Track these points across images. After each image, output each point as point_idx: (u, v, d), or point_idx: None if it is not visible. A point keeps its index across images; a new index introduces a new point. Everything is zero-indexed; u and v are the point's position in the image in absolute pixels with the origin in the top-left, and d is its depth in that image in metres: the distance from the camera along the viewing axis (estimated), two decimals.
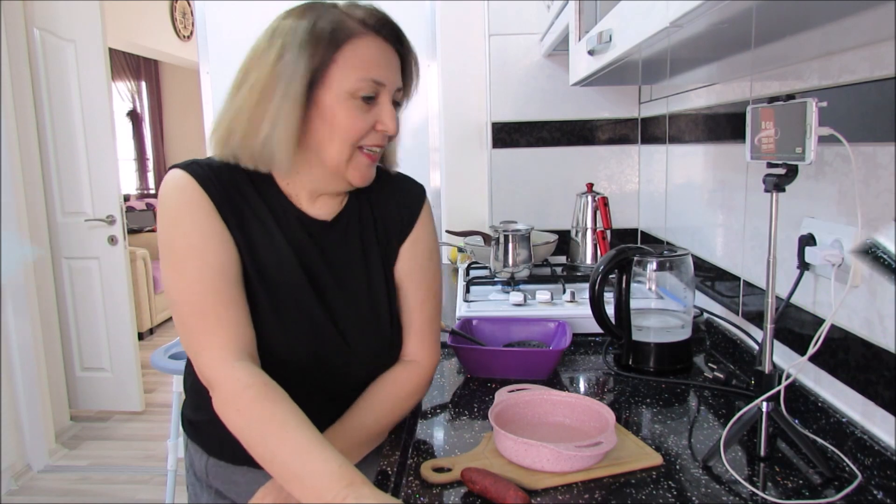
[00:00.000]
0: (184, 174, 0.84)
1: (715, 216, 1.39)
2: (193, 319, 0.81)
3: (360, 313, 0.93)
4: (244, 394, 0.77)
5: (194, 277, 0.81)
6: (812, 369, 0.98)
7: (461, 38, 2.21)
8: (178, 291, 0.82)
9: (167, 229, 0.83)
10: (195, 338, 0.81)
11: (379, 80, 0.85)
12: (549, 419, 0.97)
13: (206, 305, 0.81)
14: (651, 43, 0.82)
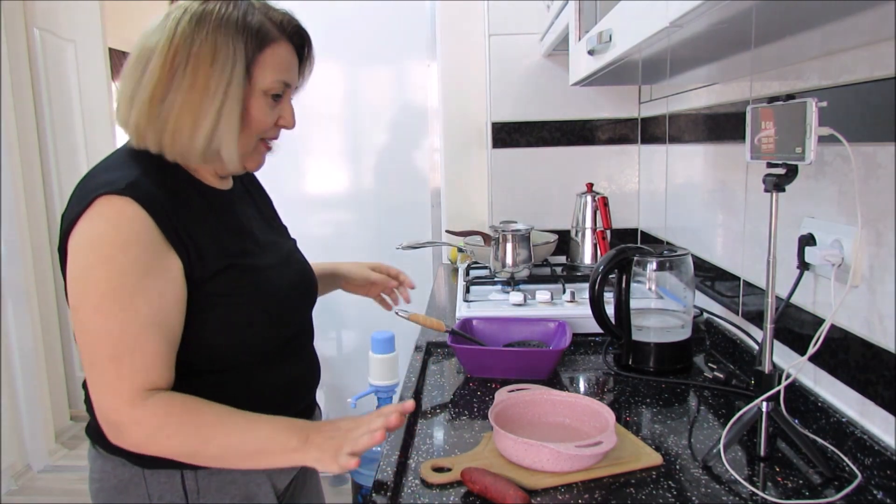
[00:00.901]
0: (124, 202, 0.80)
1: (715, 216, 1.39)
2: (107, 361, 0.79)
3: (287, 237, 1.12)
4: (169, 420, 0.80)
5: (117, 319, 0.79)
6: (812, 369, 0.98)
7: (461, 38, 2.21)
8: (95, 330, 0.79)
9: (95, 266, 0.79)
10: (105, 378, 0.80)
11: (288, 81, 0.92)
12: (549, 419, 0.97)
13: (124, 347, 0.79)
14: (651, 43, 0.82)
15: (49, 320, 3.17)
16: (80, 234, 0.80)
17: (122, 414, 0.80)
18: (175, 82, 0.84)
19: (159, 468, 0.89)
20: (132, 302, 0.79)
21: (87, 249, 0.80)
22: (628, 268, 1.22)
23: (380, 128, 2.52)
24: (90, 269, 0.79)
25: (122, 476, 0.91)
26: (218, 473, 0.91)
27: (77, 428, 3.27)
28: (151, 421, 0.80)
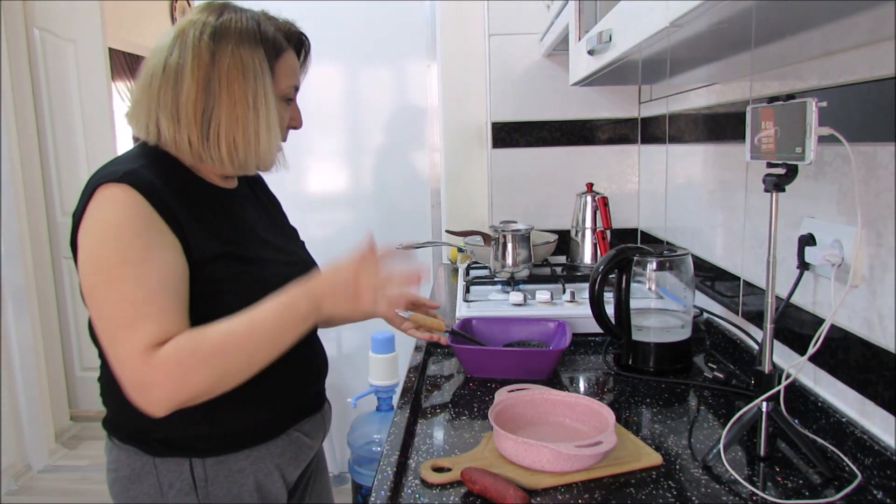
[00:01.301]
0: (122, 190, 0.84)
1: (715, 216, 1.39)
2: (123, 330, 0.82)
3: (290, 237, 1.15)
4: (183, 355, 0.81)
5: (129, 289, 0.82)
6: (812, 369, 0.98)
7: (461, 38, 2.21)
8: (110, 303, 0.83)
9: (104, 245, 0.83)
10: (124, 347, 0.82)
11: (297, 85, 1.01)
12: (549, 419, 0.97)
13: (139, 315, 0.82)
14: (651, 43, 0.82)
15: (49, 320, 3.17)
16: (86, 222, 0.85)
17: (143, 372, 0.81)
18: (213, 99, 0.89)
19: (168, 456, 0.93)
20: (142, 269, 0.83)
21: (95, 233, 0.84)
22: (628, 268, 1.22)
23: (380, 128, 2.52)
24: (100, 249, 0.84)
25: (135, 465, 0.94)
26: (226, 462, 0.94)
27: (77, 428, 3.27)
28: (169, 364, 0.80)
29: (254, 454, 0.97)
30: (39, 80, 3.10)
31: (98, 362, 0.96)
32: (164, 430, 0.91)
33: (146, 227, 0.84)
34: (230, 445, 0.95)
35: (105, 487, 1.03)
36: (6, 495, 2.65)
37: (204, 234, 0.90)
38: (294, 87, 0.99)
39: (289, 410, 1.02)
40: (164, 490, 0.93)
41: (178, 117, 0.89)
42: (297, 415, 1.03)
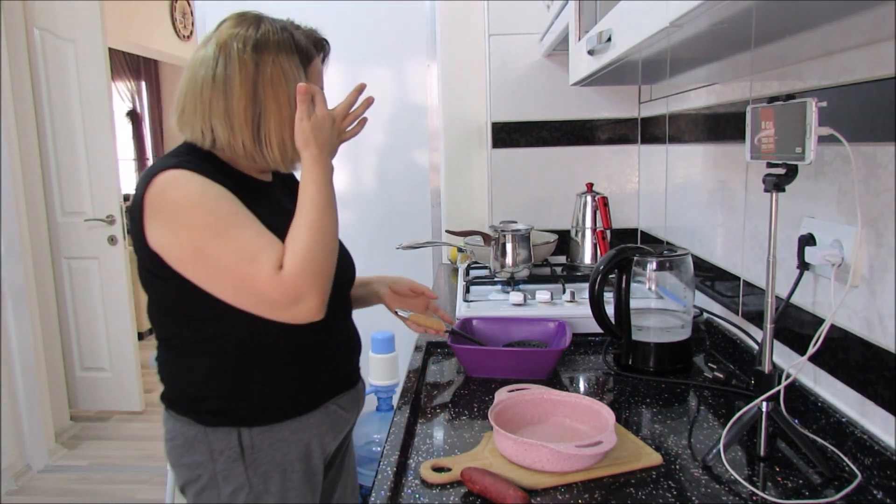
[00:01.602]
0: (183, 172, 0.93)
1: (715, 216, 1.39)
2: (250, 265, 0.90)
3: None
4: (302, 252, 0.91)
5: (239, 232, 0.91)
6: (812, 369, 0.98)
7: (461, 38, 2.21)
8: (229, 250, 0.91)
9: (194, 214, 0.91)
10: (258, 279, 0.90)
11: (322, 87, 1.08)
12: (549, 419, 0.97)
13: (257, 248, 0.91)
14: (651, 43, 0.82)
15: (49, 320, 3.17)
16: (158, 206, 0.92)
17: (283, 284, 0.89)
18: (260, 106, 0.97)
19: (219, 426, 1.01)
20: (238, 217, 0.92)
21: (179, 209, 0.91)
22: (628, 268, 1.22)
23: (380, 128, 2.52)
24: (192, 219, 0.91)
25: (188, 434, 1.02)
26: (270, 431, 1.02)
27: (77, 428, 3.27)
28: (296, 270, 0.89)
29: (295, 424, 1.05)
30: (39, 80, 3.10)
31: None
32: (216, 403, 1.01)
33: (221, 191, 0.93)
34: (274, 416, 1.03)
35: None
36: (6, 495, 2.65)
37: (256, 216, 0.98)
38: (321, 89, 1.07)
39: (327, 385, 1.10)
40: (215, 456, 1.02)
41: (232, 124, 0.97)
42: (334, 389, 1.11)
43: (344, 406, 1.13)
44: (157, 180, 0.91)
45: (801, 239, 0.96)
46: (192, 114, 0.98)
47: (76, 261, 3.27)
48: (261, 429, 1.02)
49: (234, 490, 1.02)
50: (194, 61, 0.99)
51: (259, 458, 1.02)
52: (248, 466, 1.02)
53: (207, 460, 1.02)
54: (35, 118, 3.11)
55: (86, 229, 3.23)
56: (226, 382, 0.99)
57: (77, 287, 3.29)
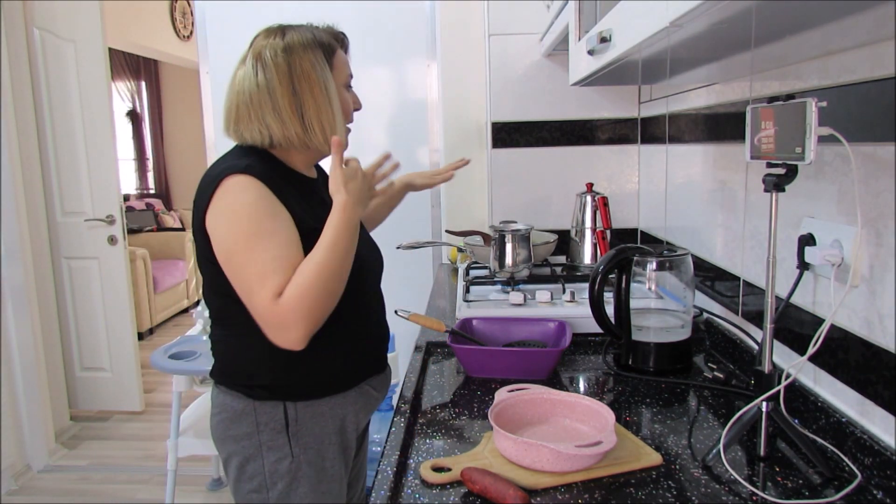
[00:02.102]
0: (248, 178, 1.04)
1: (715, 216, 1.39)
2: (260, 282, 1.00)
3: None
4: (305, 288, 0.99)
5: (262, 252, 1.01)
6: (812, 369, 0.98)
7: (461, 38, 2.21)
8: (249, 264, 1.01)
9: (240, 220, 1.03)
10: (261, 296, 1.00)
11: (351, 74, 1.21)
12: (549, 419, 0.97)
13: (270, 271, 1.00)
14: (651, 43, 0.82)
15: (49, 320, 3.17)
16: (218, 206, 1.04)
17: (275, 314, 0.99)
18: (300, 98, 1.10)
19: (267, 400, 1.11)
20: (271, 238, 1.02)
21: (231, 213, 1.04)
22: (628, 268, 1.22)
23: (380, 127, 2.52)
24: (236, 224, 1.03)
25: (237, 407, 1.12)
26: (312, 405, 1.12)
27: (77, 428, 3.27)
28: (293, 301, 0.99)
29: (334, 401, 1.14)
30: (39, 80, 3.10)
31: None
32: (267, 378, 1.11)
33: (272, 206, 1.04)
34: (317, 392, 1.13)
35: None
36: (6, 495, 2.65)
37: (303, 213, 1.09)
38: (349, 76, 1.19)
39: (362, 367, 1.20)
40: (261, 428, 1.11)
41: (282, 118, 1.09)
42: (368, 371, 1.21)
43: (375, 387, 1.23)
44: (229, 180, 1.03)
45: (801, 239, 0.96)
46: (247, 120, 1.10)
47: (76, 261, 3.27)
48: (304, 403, 1.12)
49: (277, 459, 1.11)
50: (237, 77, 1.12)
51: (301, 430, 1.11)
52: (291, 437, 1.11)
53: (254, 431, 1.11)
54: (35, 118, 3.11)
55: (86, 229, 3.23)
56: (277, 361, 1.07)
57: (77, 287, 3.29)
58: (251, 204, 1.03)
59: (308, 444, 1.12)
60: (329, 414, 1.14)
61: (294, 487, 1.12)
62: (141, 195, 6.85)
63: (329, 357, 1.12)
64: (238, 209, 1.03)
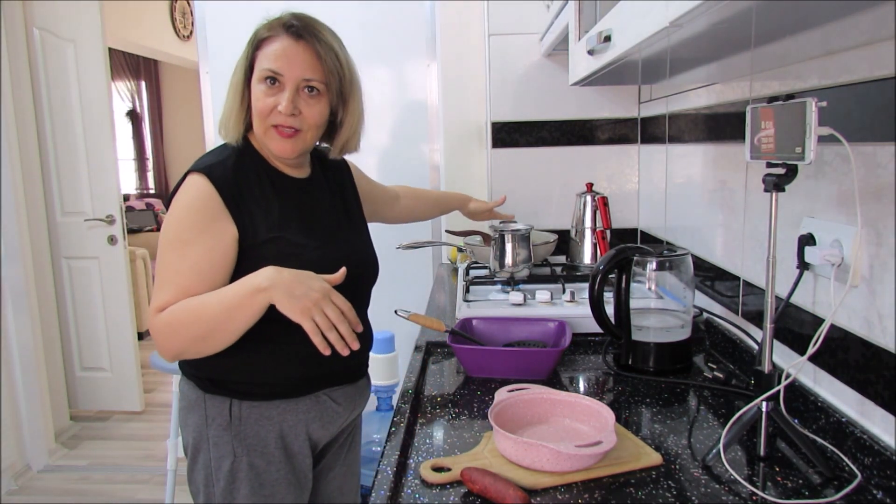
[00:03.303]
0: (199, 180, 1.03)
1: (715, 216, 1.39)
2: (158, 289, 1.02)
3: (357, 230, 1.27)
4: (172, 318, 0.99)
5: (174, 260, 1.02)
6: (812, 369, 0.98)
7: (461, 38, 2.21)
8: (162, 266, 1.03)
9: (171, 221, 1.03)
10: (153, 301, 1.02)
11: (275, 69, 1.06)
12: (549, 419, 0.97)
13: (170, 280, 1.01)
14: (651, 43, 0.82)
15: (49, 320, 3.17)
16: (173, 200, 1.05)
17: (150, 326, 1.02)
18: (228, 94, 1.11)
19: (215, 394, 1.09)
20: (184, 248, 1.01)
21: (171, 210, 1.04)
22: (628, 268, 1.22)
23: (380, 128, 2.52)
24: (168, 222, 1.04)
25: (191, 397, 1.12)
26: (258, 407, 1.09)
27: (77, 428, 3.27)
28: (161, 325, 1.00)
29: (282, 406, 1.10)
30: (39, 80, 3.10)
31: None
32: (212, 371, 1.09)
33: (206, 214, 1.02)
34: (265, 393, 1.09)
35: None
36: (6, 495, 2.65)
37: (260, 220, 1.06)
38: (272, 70, 1.05)
39: (320, 374, 1.13)
40: (209, 422, 1.09)
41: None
42: (328, 380, 1.15)
43: (337, 399, 1.16)
44: (188, 179, 1.04)
45: (800, 239, 0.96)
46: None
47: (76, 261, 3.27)
48: (250, 403, 1.08)
49: (221, 456, 1.09)
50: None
51: (244, 430, 1.08)
52: (234, 436, 1.08)
53: (203, 424, 1.10)
54: (35, 118, 3.11)
55: (86, 229, 3.23)
56: (223, 354, 1.03)
57: (77, 287, 3.29)
58: (186, 208, 1.03)
59: (251, 446, 1.09)
60: (277, 419, 1.10)
61: (236, 488, 1.09)
62: (141, 195, 6.85)
63: (282, 360, 1.09)
64: (177, 210, 1.03)
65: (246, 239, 1.05)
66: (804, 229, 0.97)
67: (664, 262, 1.22)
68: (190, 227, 1.02)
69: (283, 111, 1.06)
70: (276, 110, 1.06)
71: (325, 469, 1.25)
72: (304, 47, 1.07)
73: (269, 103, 1.06)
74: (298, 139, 1.09)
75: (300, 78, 1.07)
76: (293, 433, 1.11)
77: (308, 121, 1.09)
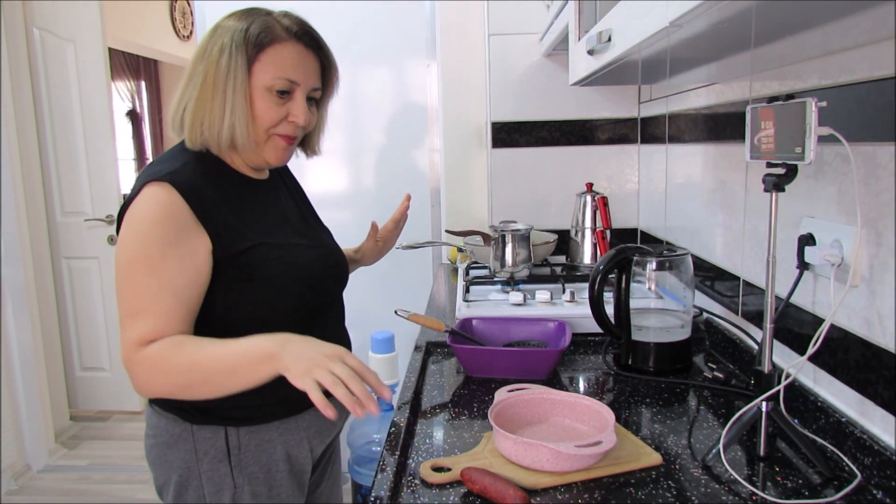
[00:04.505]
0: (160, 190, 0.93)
1: (715, 216, 1.39)
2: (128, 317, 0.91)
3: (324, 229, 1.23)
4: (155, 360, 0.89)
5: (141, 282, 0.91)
6: (811, 369, 0.98)
7: (461, 38, 2.21)
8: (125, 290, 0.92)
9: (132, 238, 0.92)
10: (124, 333, 0.91)
11: (292, 79, 1.00)
12: (549, 419, 0.97)
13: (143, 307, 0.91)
14: (651, 43, 0.82)
15: (49, 320, 3.17)
16: (128, 216, 0.94)
17: (129, 361, 0.91)
18: (194, 82, 0.99)
19: (205, 424, 1.01)
20: (157, 268, 0.91)
21: (130, 225, 0.93)
22: (628, 268, 1.22)
23: (380, 127, 2.52)
24: (129, 240, 0.92)
25: (174, 431, 1.02)
26: (258, 432, 1.02)
27: (77, 428, 3.27)
28: (146, 364, 0.90)
29: (283, 426, 1.05)
30: (39, 80, 3.10)
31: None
32: (204, 400, 0.97)
33: (175, 228, 0.92)
34: (262, 416, 1.03)
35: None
36: (6, 495, 2.65)
37: (236, 228, 0.98)
38: (287, 80, 0.99)
39: None
40: (200, 456, 1.01)
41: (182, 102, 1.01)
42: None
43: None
44: (146, 190, 0.93)
45: (800, 239, 0.96)
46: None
47: (76, 261, 3.27)
48: (248, 429, 1.02)
49: (217, 490, 1.01)
50: None
51: (246, 458, 1.02)
52: (233, 467, 1.01)
53: (192, 459, 1.01)
54: (35, 118, 3.12)
55: (86, 229, 3.23)
56: None
57: (77, 287, 3.29)
58: (152, 222, 0.91)
59: (254, 475, 1.02)
60: (278, 441, 1.04)
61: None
62: None
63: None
64: (138, 224, 0.92)
65: (223, 249, 0.96)
66: (804, 229, 0.97)
67: (664, 262, 1.22)
68: (158, 242, 0.91)
69: (303, 123, 1.02)
70: (287, 120, 1.02)
71: (314, 485, 1.21)
72: (314, 55, 1.05)
73: (281, 114, 1.01)
74: (293, 147, 1.08)
75: (310, 87, 1.04)
76: (297, 451, 1.07)
77: (307, 129, 1.07)
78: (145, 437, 1.06)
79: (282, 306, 1.02)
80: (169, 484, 1.03)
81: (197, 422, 1.01)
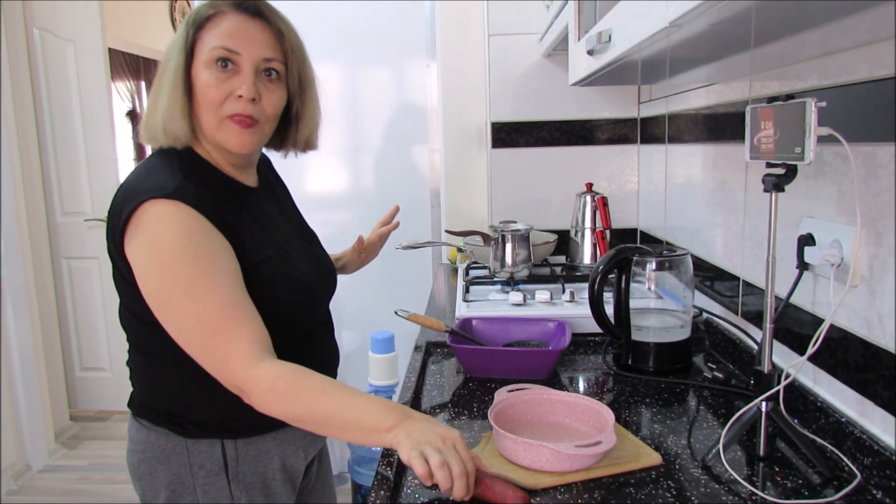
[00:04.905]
0: (174, 208, 0.87)
1: (714, 216, 1.39)
2: (212, 337, 0.86)
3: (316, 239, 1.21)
4: (277, 384, 0.84)
5: (207, 299, 0.86)
6: (811, 369, 0.98)
7: (461, 38, 2.21)
8: (192, 315, 0.86)
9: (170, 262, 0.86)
10: (217, 352, 0.86)
11: (229, 47, 0.92)
12: (549, 419, 0.97)
13: (223, 320, 0.86)
14: (650, 43, 0.82)
15: (49, 320, 3.17)
16: (143, 238, 0.87)
17: (243, 376, 0.85)
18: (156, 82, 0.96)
19: (202, 438, 0.97)
20: (214, 281, 0.86)
21: (158, 251, 0.86)
22: (628, 268, 1.22)
23: (380, 127, 2.52)
24: (167, 267, 0.86)
25: (166, 446, 0.98)
26: (255, 443, 1.00)
27: (77, 428, 3.27)
28: (263, 383, 0.84)
29: (279, 436, 1.03)
30: (39, 80, 3.10)
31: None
32: (201, 414, 0.97)
33: (207, 238, 0.88)
34: (260, 427, 1.00)
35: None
36: (6, 495, 2.65)
37: (245, 241, 0.94)
38: (225, 49, 0.91)
39: None
40: (195, 470, 0.98)
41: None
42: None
43: None
44: (151, 209, 0.86)
45: (800, 239, 0.96)
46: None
47: (76, 261, 3.27)
48: (245, 440, 0.99)
49: (213, 503, 0.99)
50: None
51: (243, 470, 0.99)
52: (231, 480, 0.99)
53: (186, 473, 0.97)
54: (35, 118, 3.12)
55: (86, 229, 3.23)
56: (215, 395, 0.90)
57: (77, 287, 3.29)
58: (184, 240, 0.86)
59: (251, 485, 1.00)
60: (275, 451, 1.02)
61: None
62: None
63: None
64: (167, 247, 0.86)
65: (243, 259, 0.93)
66: (804, 229, 0.97)
67: (664, 262, 1.22)
68: (201, 257, 0.86)
69: (245, 95, 0.92)
70: (232, 97, 0.92)
71: (303, 487, 1.18)
72: (262, 24, 0.94)
73: (224, 90, 0.92)
74: (256, 131, 0.96)
75: (260, 58, 0.93)
76: (292, 461, 1.05)
77: (266, 110, 0.96)
78: (129, 453, 1.02)
79: (281, 323, 0.96)
80: (158, 499, 1.00)
81: (193, 436, 0.97)
